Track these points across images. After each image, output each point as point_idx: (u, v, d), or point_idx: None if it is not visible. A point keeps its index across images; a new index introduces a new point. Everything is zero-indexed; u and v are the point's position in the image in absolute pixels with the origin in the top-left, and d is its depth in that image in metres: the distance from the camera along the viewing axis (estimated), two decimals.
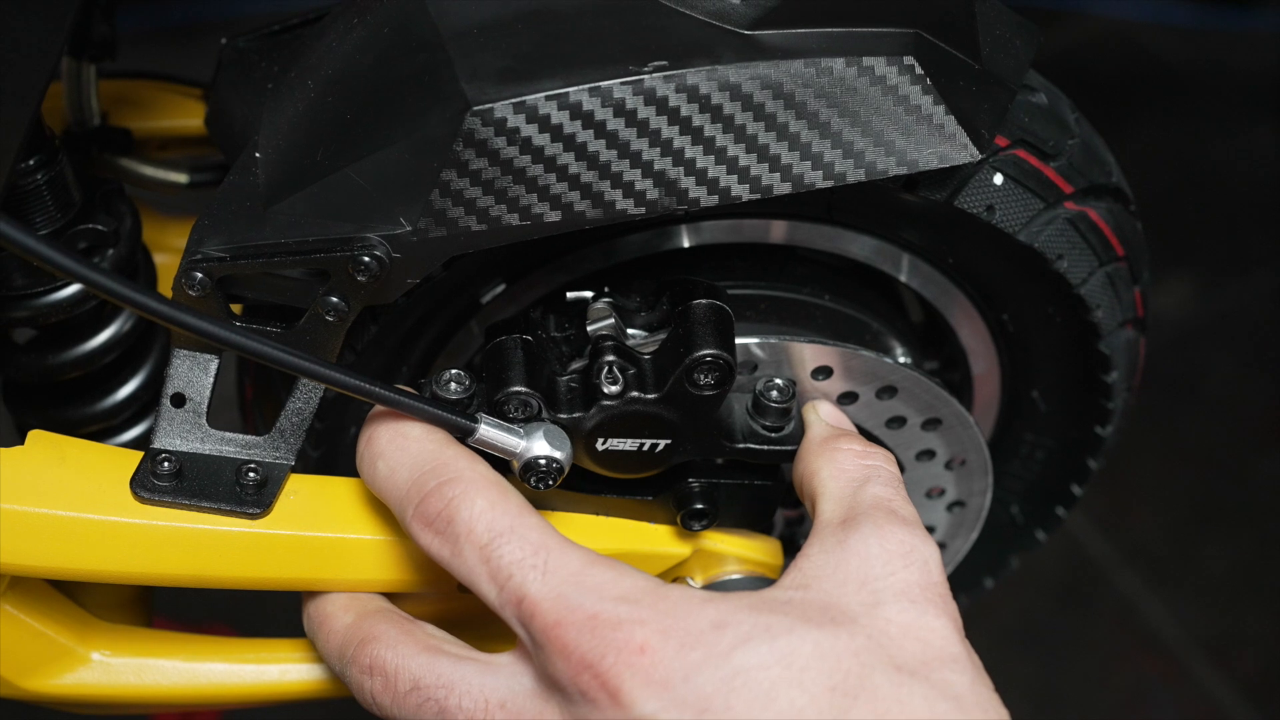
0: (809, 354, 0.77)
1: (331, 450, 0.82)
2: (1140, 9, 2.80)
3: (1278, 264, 2.43)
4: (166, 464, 0.72)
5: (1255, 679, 1.94)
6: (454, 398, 0.71)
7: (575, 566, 0.63)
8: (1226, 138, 2.61)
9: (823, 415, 0.75)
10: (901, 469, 0.81)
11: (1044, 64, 0.79)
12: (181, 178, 0.93)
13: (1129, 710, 1.94)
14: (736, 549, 0.79)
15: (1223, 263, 2.41)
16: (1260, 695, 1.93)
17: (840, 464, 0.71)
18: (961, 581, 0.97)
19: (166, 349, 0.76)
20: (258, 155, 0.72)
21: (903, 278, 0.82)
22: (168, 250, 0.96)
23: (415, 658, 0.67)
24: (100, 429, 0.86)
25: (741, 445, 0.75)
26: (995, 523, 0.93)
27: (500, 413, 0.71)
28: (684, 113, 0.67)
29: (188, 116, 0.95)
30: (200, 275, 0.69)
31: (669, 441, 0.73)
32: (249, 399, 0.86)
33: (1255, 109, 2.67)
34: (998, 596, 1.97)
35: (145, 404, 0.86)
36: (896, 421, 0.81)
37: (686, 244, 0.79)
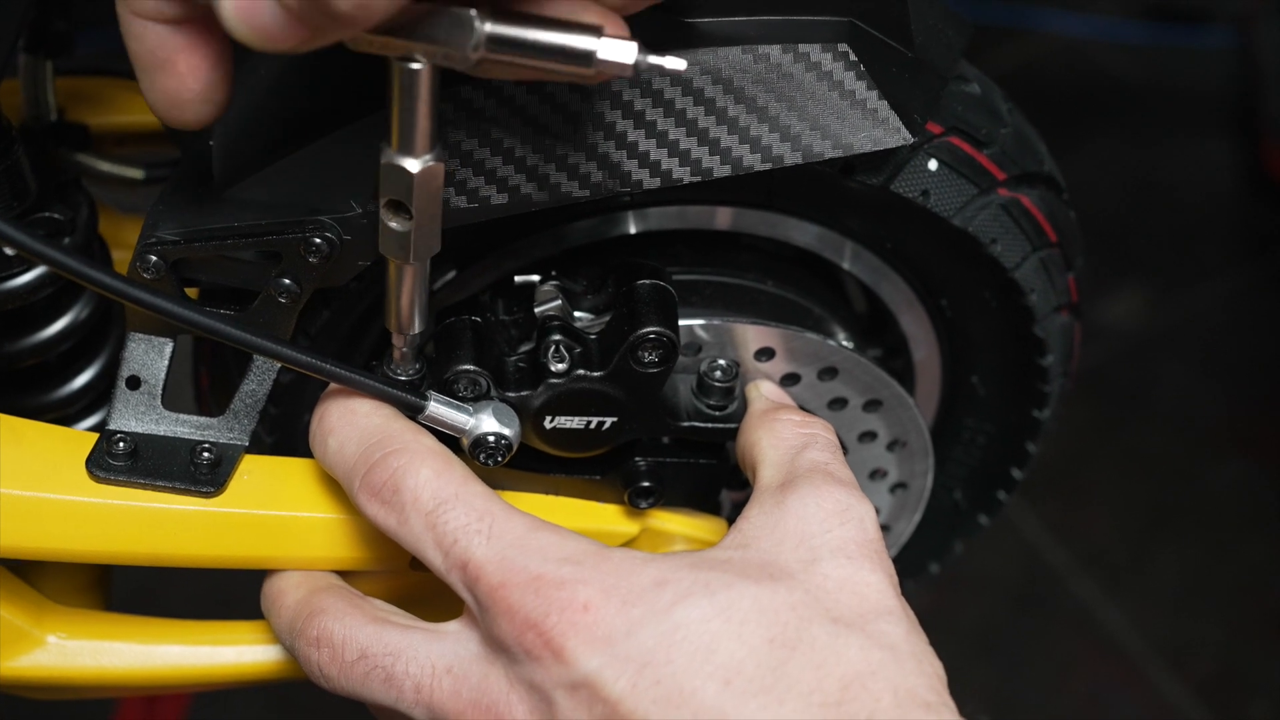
0: (752, 335, 0.79)
1: (287, 436, 0.83)
2: (1093, 27, 2.85)
3: (1227, 274, 2.47)
4: (122, 444, 0.73)
5: (1209, 682, 1.96)
6: (405, 377, 0.72)
7: (519, 531, 0.64)
8: (1177, 152, 2.65)
9: (764, 392, 0.77)
10: (845, 451, 0.83)
11: (1001, 80, 0.82)
12: (137, 173, 0.94)
13: (1086, 714, 1.96)
14: (683, 527, 0.81)
15: (1174, 273, 2.45)
16: (1215, 698, 1.95)
17: (779, 432, 0.72)
18: (907, 567, 0.99)
19: (123, 338, 0.77)
20: (211, 143, 0.74)
21: (845, 265, 0.84)
22: (124, 246, 0.96)
23: (362, 628, 0.68)
24: (57, 417, 0.86)
25: (686, 424, 0.77)
26: (939, 508, 0.95)
27: (450, 391, 0.72)
28: (625, 97, 0.69)
29: (144, 112, 0.96)
30: (154, 258, 0.70)
31: (615, 419, 0.75)
32: (205, 387, 0.87)
33: (1205, 123, 2.72)
34: (956, 602, 2.00)
35: (102, 392, 0.87)
36: (838, 403, 0.83)
37: (633, 230, 0.80)
